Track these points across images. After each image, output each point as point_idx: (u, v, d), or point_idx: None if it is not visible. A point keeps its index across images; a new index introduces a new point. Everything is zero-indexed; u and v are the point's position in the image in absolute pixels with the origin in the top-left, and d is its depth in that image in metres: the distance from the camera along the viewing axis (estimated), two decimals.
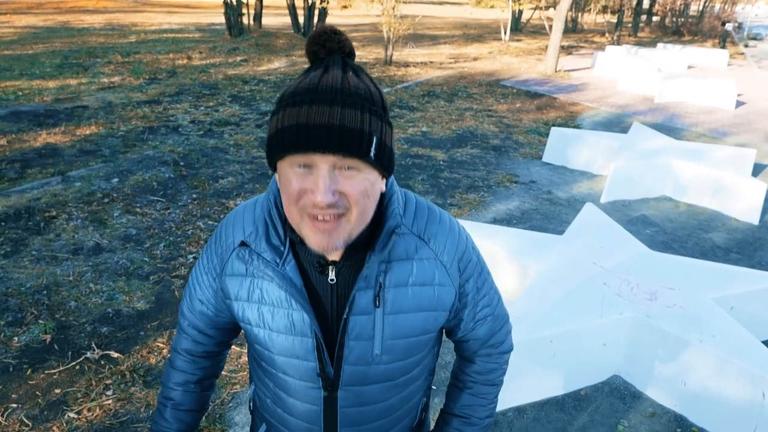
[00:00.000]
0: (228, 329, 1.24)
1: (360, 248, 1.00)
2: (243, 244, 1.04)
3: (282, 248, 1.01)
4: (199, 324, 1.22)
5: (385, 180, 0.99)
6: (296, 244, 1.02)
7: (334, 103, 0.86)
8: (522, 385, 2.94)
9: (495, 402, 1.31)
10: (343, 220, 0.91)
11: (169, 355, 1.33)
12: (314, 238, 0.92)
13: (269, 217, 1.02)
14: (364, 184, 0.90)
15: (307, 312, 1.01)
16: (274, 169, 0.96)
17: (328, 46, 0.93)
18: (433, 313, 1.07)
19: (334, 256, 1.01)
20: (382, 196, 1.02)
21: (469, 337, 1.21)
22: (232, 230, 1.09)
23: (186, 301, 1.22)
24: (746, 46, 26.33)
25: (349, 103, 0.87)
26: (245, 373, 3.12)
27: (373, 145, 0.89)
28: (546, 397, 3.02)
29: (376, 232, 1.00)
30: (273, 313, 1.04)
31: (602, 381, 3.17)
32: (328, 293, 1.03)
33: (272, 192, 1.04)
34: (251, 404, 1.32)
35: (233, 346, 3.33)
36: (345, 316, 1.02)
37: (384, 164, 0.93)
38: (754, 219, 5.65)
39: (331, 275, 1.01)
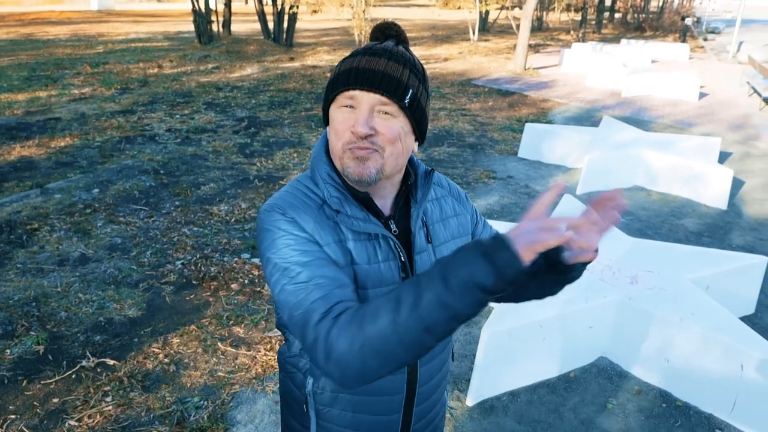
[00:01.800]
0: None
1: (404, 198, 1.20)
2: (337, 212, 1.11)
3: (359, 206, 1.14)
4: (348, 285, 1.05)
5: (417, 143, 1.16)
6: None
7: (382, 56, 1.07)
8: (515, 370, 3.05)
9: None
10: (376, 153, 1.07)
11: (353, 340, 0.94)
12: (351, 166, 1.07)
13: (337, 185, 1.13)
14: (396, 129, 1.07)
15: (397, 254, 1.15)
16: (327, 123, 1.13)
17: (387, 33, 1.13)
18: (462, 239, 1.29)
19: (387, 210, 1.18)
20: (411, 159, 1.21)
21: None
22: (299, 212, 1.09)
23: (320, 278, 1.02)
24: (705, 39, 27.07)
25: (393, 58, 1.07)
26: (243, 373, 3.17)
27: (408, 95, 1.06)
28: (538, 380, 3.13)
29: (413, 181, 1.20)
30: (365, 270, 1.13)
31: (590, 363, 3.30)
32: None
33: (328, 165, 1.15)
34: (305, 402, 1.24)
35: (230, 349, 3.37)
36: (414, 256, 1.18)
37: (416, 118, 1.10)
38: (723, 204, 5.87)
39: (394, 227, 1.18)
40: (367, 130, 1.04)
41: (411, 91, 1.07)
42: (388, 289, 1.09)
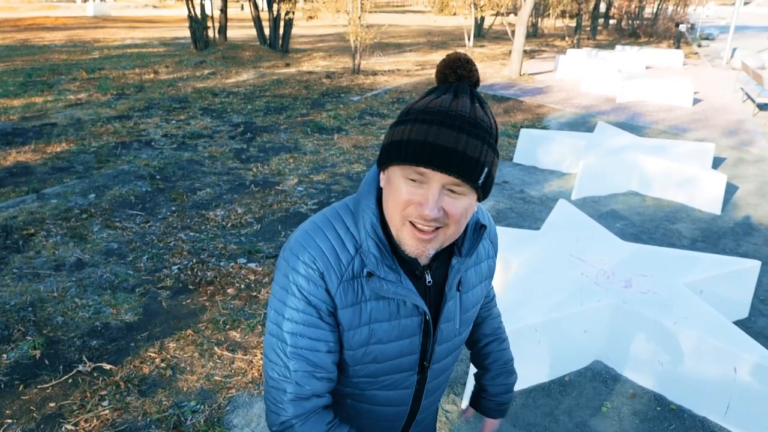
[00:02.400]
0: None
1: (445, 249, 1.11)
2: (370, 274, 1.05)
3: (395, 267, 1.07)
4: (330, 374, 1.11)
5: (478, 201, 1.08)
6: (400, 259, 1.09)
7: (462, 130, 0.94)
8: None
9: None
10: (440, 232, 1.01)
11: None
12: (411, 244, 1.02)
13: (379, 241, 1.06)
14: (465, 206, 1.00)
15: (427, 313, 1.13)
16: (381, 169, 1.04)
17: (458, 72, 1.00)
18: (486, 282, 1.28)
19: (424, 260, 1.10)
20: None
21: (489, 294, 1.48)
22: (324, 264, 1.05)
23: (305, 367, 1.07)
24: (699, 45, 27.25)
25: (473, 134, 0.95)
26: (240, 377, 3.17)
27: (483, 174, 0.97)
28: (533, 384, 3.15)
29: (461, 235, 1.13)
30: (386, 327, 1.11)
31: (585, 366, 3.32)
32: (425, 293, 1.14)
33: (372, 213, 1.07)
34: None
35: (226, 353, 3.38)
36: (442, 306, 1.15)
37: (486, 191, 1.02)
38: (717, 209, 5.91)
39: (429, 279, 1.13)
40: (437, 213, 0.96)
41: (486, 169, 0.97)
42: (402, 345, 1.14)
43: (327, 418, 1.11)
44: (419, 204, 0.97)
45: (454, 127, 0.94)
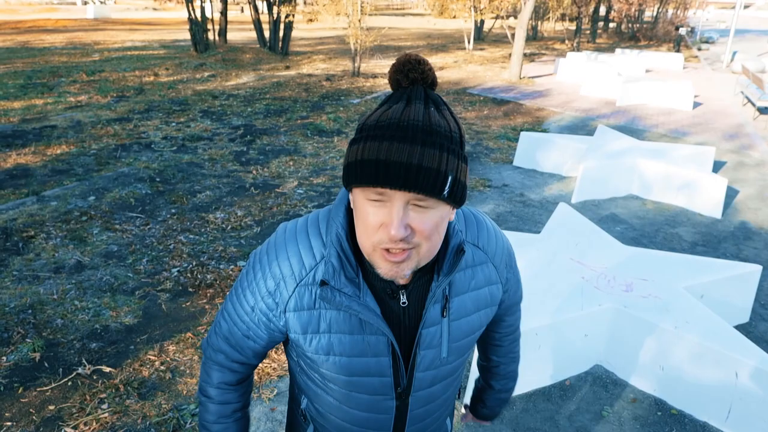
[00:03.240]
0: (266, 353, 1.24)
1: (427, 269, 1.05)
2: (323, 283, 1.02)
3: (357, 280, 1.03)
4: (241, 357, 1.20)
5: (454, 210, 1.01)
6: (367, 272, 1.04)
7: (415, 141, 0.87)
8: None
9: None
10: (413, 252, 0.94)
11: (199, 396, 1.27)
12: (384, 267, 0.96)
13: (342, 252, 1.02)
14: (434, 220, 0.93)
15: (389, 335, 1.06)
16: (349, 190, 0.99)
17: (411, 76, 0.93)
18: (487, 310, 1.18)
19: (402, 280, 1.04)
20: None
21: (504, 320, 1.35)
22: (288, 262, 1.06)
23: (223, 338, 1.19)
24: (699, 49, 27.30)
25: (428, 143, 0.88)
26: None
27: (448, 184, 0.90)
28: (533, 388, 3.14)
29: (440, 251, 1.04)
30: (347, 340, 1.07)
31: (585, 371, 3.31)
32: (400, 313, 1.08)
33: (340, 224, 1.04)
34: (302, 415, 1.30)
35: None
36: (420, 330, 1.08)
37: (456, 199, 0.94)
38: (717, 213, 5.91)
39: (403, 299, 1.06)
40: (403, 232, 0.90)
41: (450, 177, 0.90)
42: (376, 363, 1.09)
43: (236, 398, 1.26)
44: (385, 226, 0.91)
45: (407, 139, 0.87)
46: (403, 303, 1.06)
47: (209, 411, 1.24)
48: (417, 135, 0.88)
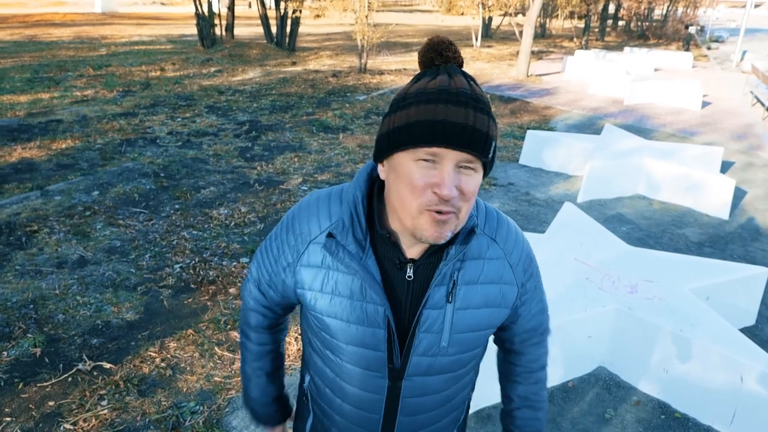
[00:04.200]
0: (292, 306, 1.30)
1: (437, 248, 1.07)
2: (330, 235, 1.06)
3: (364, 243, 1.06)
4: (268, 303, 1.29)
5: None
6: (376, 240, 1.07)
7: (468, 105, 0.93)
8: None
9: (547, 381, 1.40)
10: (455, 215, 0.97)
11: (239, 337, 1.41)
12: (431, 230, 0.97)
13: (355, 213, 1.06)
14: (477, 183, 0.98)
15: (384, 305, 1.07)
16: (380, 161, 1.02)
17: (445, 55, 0.98)
18: (497, 310, 1.16)
19: (413, 254, 1.07)
20: None
21: (525, 329, 1.29)
22: (307, 222, 1.12)
23: (254, 282, 1.28)
24: (709, 48, 27.11)
25: (479, 108, 0.94)
26: (238, 378, 3.15)
27: (492, 148, 0.96)
28: None
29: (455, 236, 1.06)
30: (347, 304, 1.09)
31: (588, 372, 3.28)
32: (404, 288, 1.09)
33: (360, 188, 1.07)
34: (304, 395, 1.34)
35: (226, 353, 3.36)
36: (420, 309, 1.08)
37: (490, 166, 1.00)
38: (724, 214, 5.85)
39: (409, 272, 1.08)
40: (456, 192, 0.94)
41: (493, 143, 0.97)
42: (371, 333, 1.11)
43: (269, 340, 1.36)
44: (436, 186, 0.93)
45: (461, 103, 0.93)
46: (409, 276, 1.08)
47: (249, 350, 1.36)
48: (469, 101, 0.94)
